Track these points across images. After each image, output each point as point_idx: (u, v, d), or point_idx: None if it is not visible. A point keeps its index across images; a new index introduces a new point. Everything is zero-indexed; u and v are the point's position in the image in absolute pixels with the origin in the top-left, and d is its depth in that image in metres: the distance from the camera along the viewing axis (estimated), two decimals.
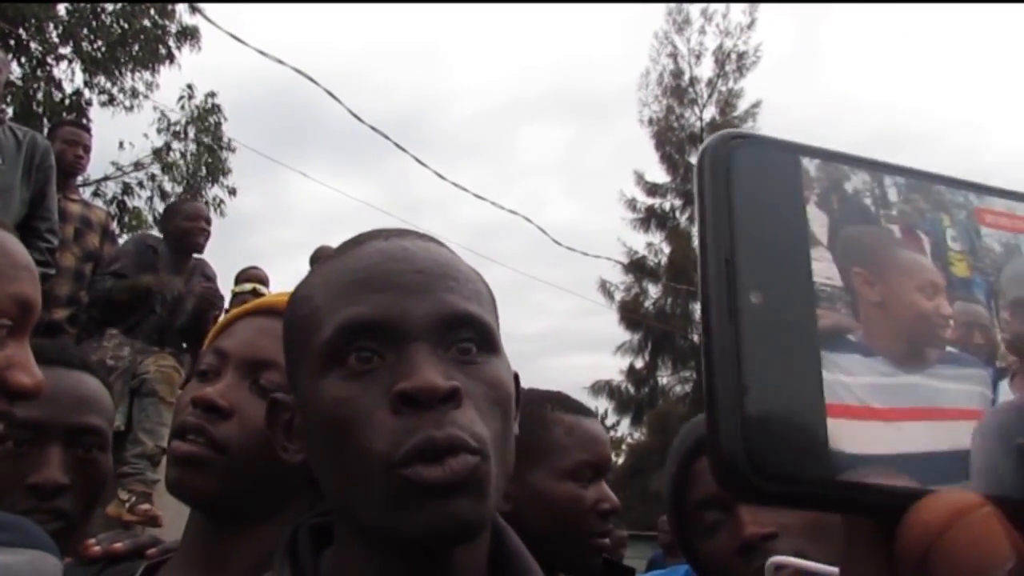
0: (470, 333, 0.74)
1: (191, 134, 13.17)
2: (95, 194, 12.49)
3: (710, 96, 21.70)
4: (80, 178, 4.80)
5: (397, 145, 8.65)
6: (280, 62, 7.34)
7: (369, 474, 0.69)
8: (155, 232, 11.51)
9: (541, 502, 1.45)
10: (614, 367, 21.44)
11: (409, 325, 0.72)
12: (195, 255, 4.46)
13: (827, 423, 0.34)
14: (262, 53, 7.29)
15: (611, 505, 1.46)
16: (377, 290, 0.73)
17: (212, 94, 13.26)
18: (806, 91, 40.42)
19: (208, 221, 4.53)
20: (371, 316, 0.72)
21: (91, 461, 1.28)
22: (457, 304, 0.74)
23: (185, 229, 4.40)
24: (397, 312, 0.72)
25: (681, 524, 1.31)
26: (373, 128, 8.33)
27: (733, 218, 0.36)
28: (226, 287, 4.96)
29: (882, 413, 0.36)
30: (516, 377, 0.82)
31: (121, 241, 4.92)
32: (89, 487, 1.29)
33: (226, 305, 4.56)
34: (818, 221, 0.37)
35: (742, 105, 21.41)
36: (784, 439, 0.34)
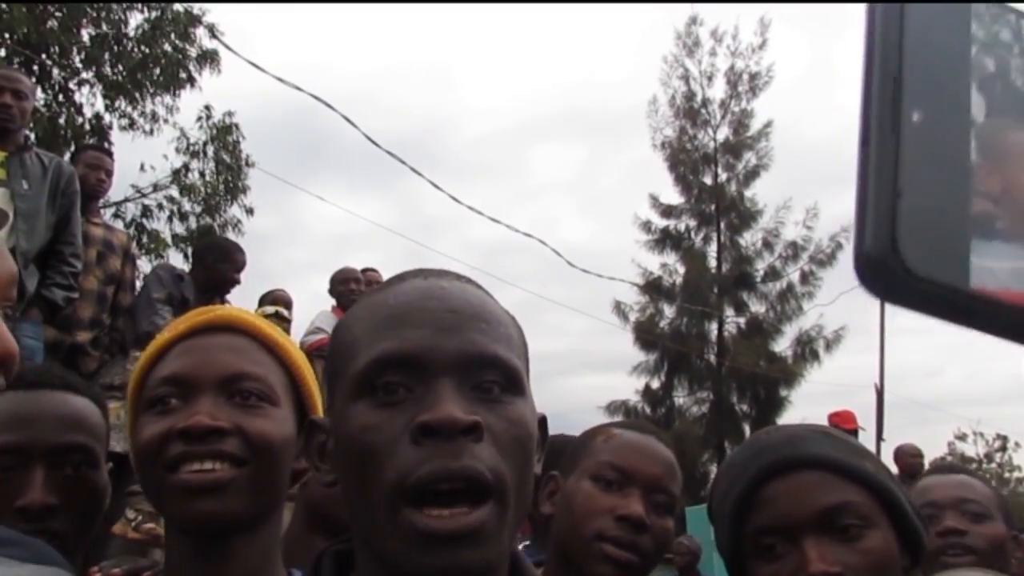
0: (496, 375, 0.77)
1: (210, 152, 13.30)
2: (115, 216, 12.62)
3: (723, 117, 21.70)
4: (100, 200, 4.86)
5: (413, 169, 8.75)
6: (298, 88, 7.44)
7: (379, 504, 0.73)
8: (171, 255, 11.60)
9: (564, 501, 1.48)
10: (630, 387, 21.32)
11: (437, 361, 0.75)
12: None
13: (970, 236, 0.37)
14: (280, 80, 7.38)
15: (627, 512, 1.39)
16: (411, 326, 0.77)
17: (230, 113, 13.42)
18: (820, 109, 40.35)
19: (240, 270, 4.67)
20: (402, 350, 0.76)
21: (81, 479, 1.28)
22: (486, 345, 0.77)
23: (228, 279, 4.56)
24: (427, 347, 0.76)
25: (735, 544, 1.27)
26: (389, 153, 8.43)
27: (904, 39, 0.39)
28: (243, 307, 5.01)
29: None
30: (543, 421, 0.85)
31: (142, 263, 4.98)
32: (82, 505, 1.30)
33: None
34: (982, 65, 0.40)
35: (755, 125, 21.41)
36: (930, 244, 0.37)
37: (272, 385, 1.16)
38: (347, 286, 5.39)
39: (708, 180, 21.58)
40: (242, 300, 5.46)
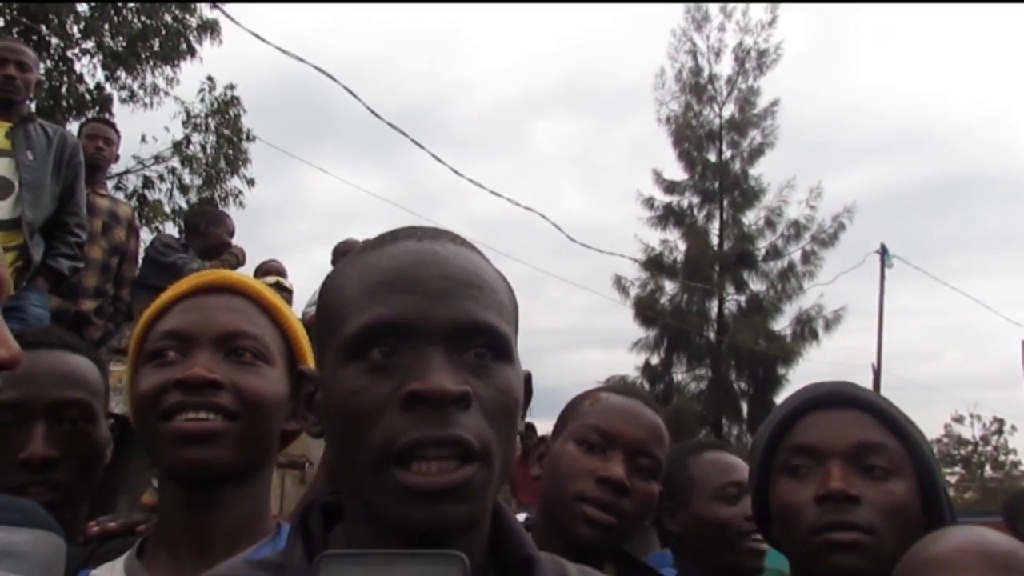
0: (485, 341, 0.78)
1: (211, 126, 13.26)
2: (117, 187, 12.62)
3: (729, 94, 21.59)
4: (105, 172, 4.90)
5: (414, 142, 8.74)
6: (300, 59, 7.41)
7: (367, 464, 0.75)
8: (168, 228, 11.66)
9: (549, 463, 1.53)
10: (629, 363, 21.40)
11: (428, 329, 0.76)
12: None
13: None
14: (282, 51, 7.36)
15: (608, 475, 1.41)
16: (403, 292, 0.77)
17: (231, 86, 13.36)
18: (827, 88, 40.12)
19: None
20: (393, 317, 0.76)
21: (79, 433, 1.35)
22: (478, 314, 0.78)
23: (224, 241, 4.78)
24: (418, 315, 0.76)
25: (765, 462, 1.35)
26: (391, 125, 8.40)
27: None
28: None
29: None
30: (528, 377, 0.87)
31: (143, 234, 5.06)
32: (82, 458, 1.36)
33: None
34: None
35: (761, 103, 21.31)
36: None
37: (268, 345, 1.21)
38: None
39: (712, 157, 21.51)
40: (249, 269, 5.50)
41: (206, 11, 12.76)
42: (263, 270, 5.35)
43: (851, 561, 1.19)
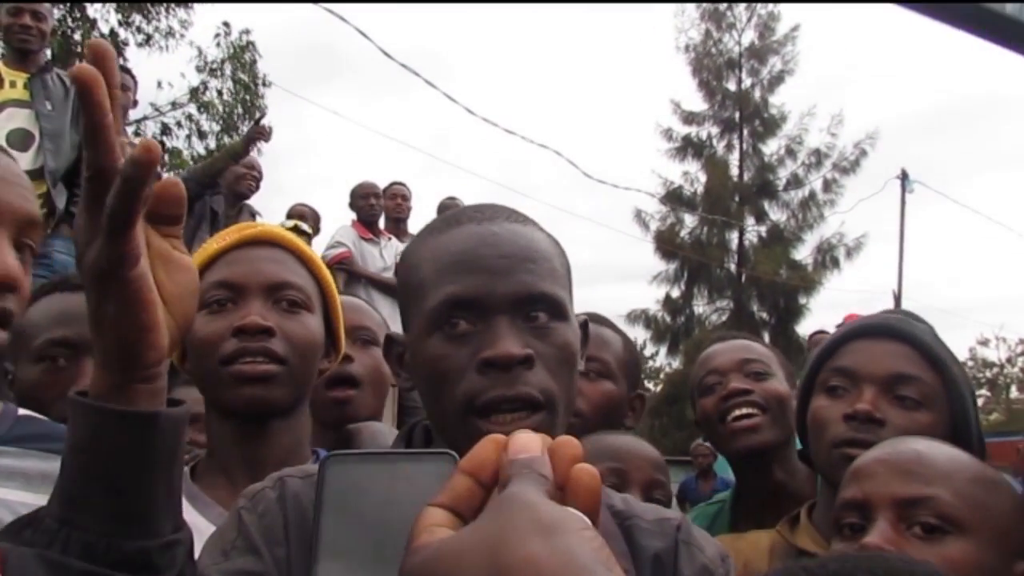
0: (543, 307, 0.93)
1: (227, 71, 13.22)
2: (136, 134, 12.68)
3: (749, 20, 21.11)
4: (125, 118, 4.95)
5: (427, 82, 8.67)
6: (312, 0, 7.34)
7: (454, 415, 0.91)
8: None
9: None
10: (650, 297, 21.47)
11: (494, 302, 0.91)
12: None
13: None
14: None
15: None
16: (470, 272, 0.93)
17: (247, 31, 13.27)
18: (848, 10, 38.97)
19: (261, 173, 4.93)
20: (464, 294, 0.92)
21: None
22: (534, 284, 0.93)
23: (240, 174, 4.86)
24: (484, 291, 0.92)
25: (810, 380, 1.45)
26: (403, 65, 8.34)
27: None
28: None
29: None
30: (584, 324, 1.02)
31: None
32: None
33: None
34: None
35: (781, 29, 20.83)
36: None
37: (309, 294, 1.35)
38: (367, 200, 5.41)
39: (732, 86, 21.16)
40: (267, 215, 5.58)
41: None
42: (294, 213, 5.41)
43: None
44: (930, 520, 1.03)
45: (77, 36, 11.89)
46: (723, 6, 21.05)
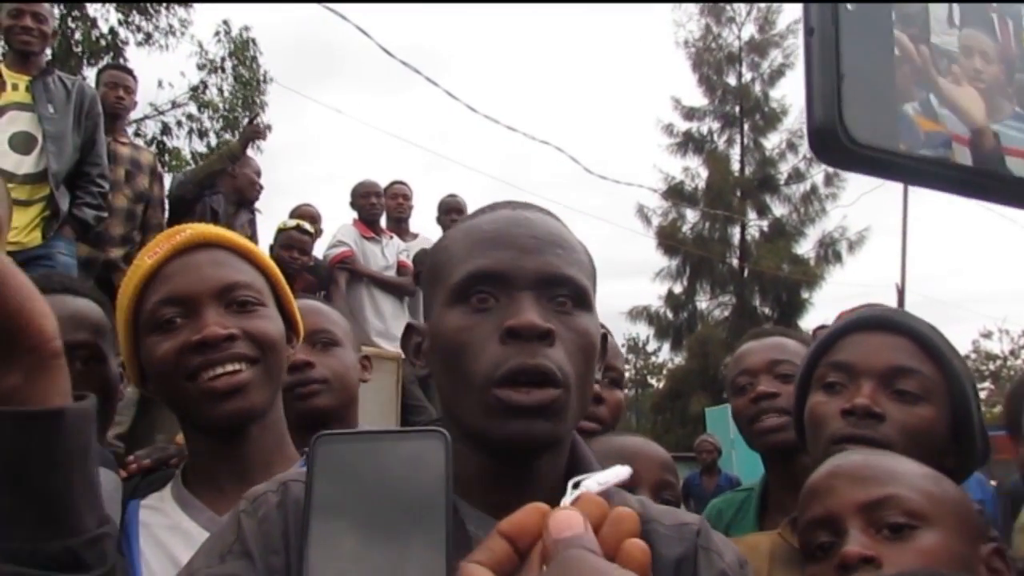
0: (567, 291, 0.92)
1: (228, 68, 13.20)
2: (136, 134, 12.67)
3: (748, 14, 21.07)
4: (125, 119, 4.96)
5: (428, 79, 8.67)
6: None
7: (472, 388, 0.89)
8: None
9: None
10: (652, 293, 21.48)
11: (520, 277, 0.91)
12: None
13: (898, 104, 0.47)
14: None
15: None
16: (499, 247, 0.92)
17: (247, 28, 13.26)
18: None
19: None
20: (492, 267, 0.91)
21: (89, 373, 1.38)
22: (560, 267, 0.92)
23: (254, 181, 4.83)
24: (512, 266, 0.91)
25: (807, 376, 1.44)
26: (404, 63, 8.34)
27: None
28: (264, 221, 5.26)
29: (944, 123, 0.49)
30: (605, 336, 1.00)
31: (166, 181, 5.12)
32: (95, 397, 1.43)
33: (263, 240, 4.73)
34: None
35: (782, 21, 20.79)
36: (868, 115, 0.46)
37: (260, 289, 1.30)
38: (368, 200, 5.38)
39: (732, 80, 21.12)
40: (267, 213, 5.58)
41: None
42: (297, 214, 5.40)
43: None
44: (898, 519, 1.04)
45: (77, 35, 11.88)
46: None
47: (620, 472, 0.76)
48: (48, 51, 4.23)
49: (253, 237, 4.85)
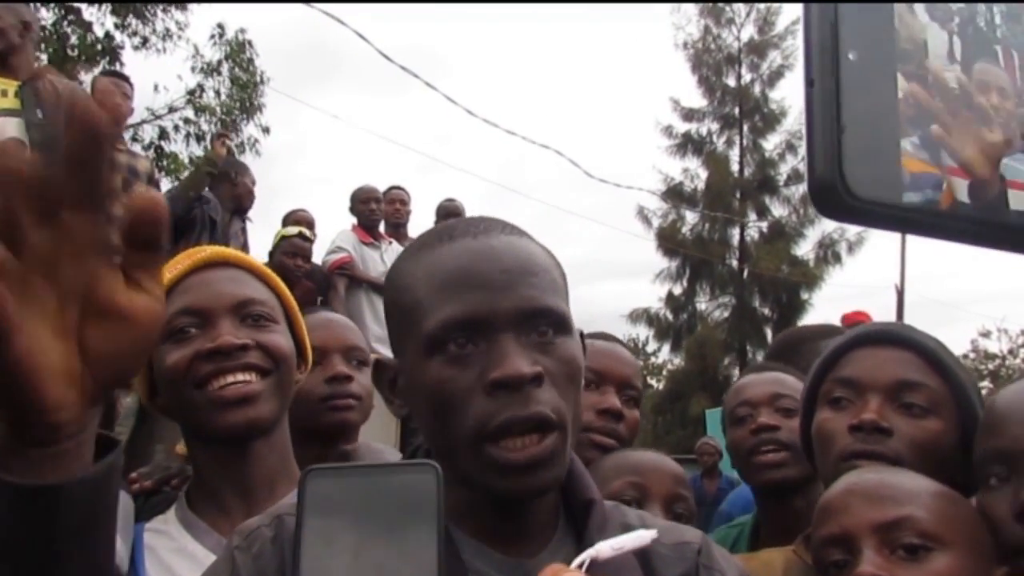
0: (547, 322, 0.88)
1: (225, 71, 13.16)
2: (133, 139, 12.62)
3: (748, 15, 21.05)
4: (121, 126, 4.91)
5: (427, 84, 8.64)
6: (308, 1, 7.30)
7: (463, 442, 0.85)
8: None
9: None
10: (652, 294, 21.43)
11: (497, 319, 0.86)
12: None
13: (901, 165, 0.46)
14: None
15: (607, 406, 1.62)
16: (470, 289, 0.87)
17: (243, 30, 13.22)
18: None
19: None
20: (466, 314, 0.86)
21: None
22: (537, 299, 0.88)
23: (250, 190, 4.88)
24: (486, 309, 0.86)
25: (812, 392, 1.42)
26: (403, 67, 8.31)
27: None
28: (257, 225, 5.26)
29: (947, 170, 0.47)
30: (581, 335, 0.96)
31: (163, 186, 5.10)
32: None
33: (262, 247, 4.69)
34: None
35: (781, 22, 20.77)
36: (869, 168, 0.45)
37: (273, 307, 1.33)
38: (367, 205, 5.35)
39: (731, 82, 21.10)
40: (262, 216, 5.54)
41: None
42: (291, 219, 5.37)
43: None
44: (912, 540, 1.05)
45: (73, 40, 11.83)
46: (720, 2, 21.00)
47: (641, 536, 0.73)
48: (45, 56, 4.18)
49: (245, 245, 4.82)
